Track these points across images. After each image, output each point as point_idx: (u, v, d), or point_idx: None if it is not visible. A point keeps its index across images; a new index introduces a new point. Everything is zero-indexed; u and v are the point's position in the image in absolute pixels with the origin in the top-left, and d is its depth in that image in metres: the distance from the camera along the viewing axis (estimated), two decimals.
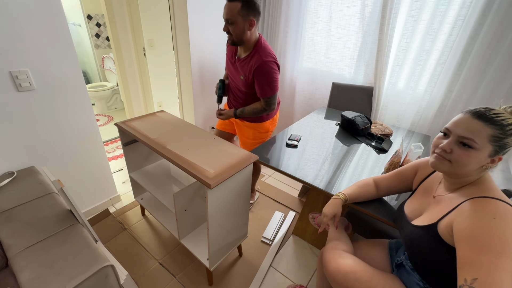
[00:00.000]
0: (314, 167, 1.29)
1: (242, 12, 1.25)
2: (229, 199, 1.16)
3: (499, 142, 0.66)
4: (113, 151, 2.65)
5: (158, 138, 1.27)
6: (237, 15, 1.26)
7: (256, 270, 1.49)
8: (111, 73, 3.50)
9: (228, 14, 1.27)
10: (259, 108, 1.48)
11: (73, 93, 1.45)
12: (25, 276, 0.81)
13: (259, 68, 1.34)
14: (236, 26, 1.29)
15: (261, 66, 1.34)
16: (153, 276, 1.43)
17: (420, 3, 1.69)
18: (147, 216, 1.84)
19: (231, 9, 1.26)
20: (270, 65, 1.35)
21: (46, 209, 1.09)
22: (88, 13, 3.35)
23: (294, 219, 1.89)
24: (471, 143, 0.68)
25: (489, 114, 0.68)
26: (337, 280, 0.87)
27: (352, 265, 0.88)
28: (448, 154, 0.72)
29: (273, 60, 1.37)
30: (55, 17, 1.26)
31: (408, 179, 0.98)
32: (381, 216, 1.00)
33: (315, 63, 2.36)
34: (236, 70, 1.48)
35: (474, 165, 0.69)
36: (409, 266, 0.84)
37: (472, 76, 1.65)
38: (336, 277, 0.87)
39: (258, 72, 1.36)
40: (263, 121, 1.61)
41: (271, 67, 1.36)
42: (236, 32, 1.31)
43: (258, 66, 1.34)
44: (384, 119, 2.10)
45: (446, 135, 0.74)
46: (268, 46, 1.40)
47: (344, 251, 0.96)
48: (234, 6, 1.25)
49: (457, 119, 0.72)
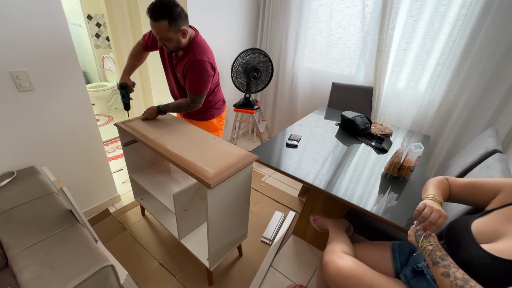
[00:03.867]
0: (314, 167, 1.29)
1: (172, 28, 1.20)
2: (229, 199, 1.16)
3: None
4: (113, 151, 2.65)
5: (158, 138, 1.27)
6: (167, 32, 1.20)
7: (256, 270, 1.49)
8: (111, 73, 3.50)
9: (159, 34, 1.22)
10: (184, 103, 1.44)
11: (73, 93, 1.45)
12: (25, 276, 0.81)
13: (191, 66, 1.32)
14: (171, 41, 1.25)
15: (194, 63, 1.32)
16: (153, 276, 1.43)
17: (420, 3, 1.69)
18: (147, 216, 1.84)
19: (160, 29, 1.19)
20: (203, 65, 1.33)
21: (46, 209, 1.09)
22: (88, 13, 3.35)
23: (294, 219, 1.89)
24: None
25: None
26: (338, 284, 0.85)
27: (353, 268, 0.85)
28: None
29: (208, 61, 1.34)
30: (55, 17, 1.26)
31: (484, 197, 0.84)
32: (382, 216, 1.00)
33: (315, 63, 2.36)
34: (173, 69, 1.46)
35: None
36: (431, 275, 0.79)
37: (472, 76, 1.65)
38: (337, 281, 0.85)
39: (189, 69, 1.33)
40: (209, 119, 1.63)
41: (203, 67, 1.33)
42: (172, 45, 1.27)
43: (191, 64, 1.32)
44: (384, 119, 2.10)
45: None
46: (205, 45, 1.37)
47: (344, 253, 0.94)
48: (162, 25, 1.17)
49: None
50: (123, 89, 1.44)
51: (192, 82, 1.37)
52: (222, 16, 2.23)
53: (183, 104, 1.45)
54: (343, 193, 1.11)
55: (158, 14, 1.15)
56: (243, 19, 2.47)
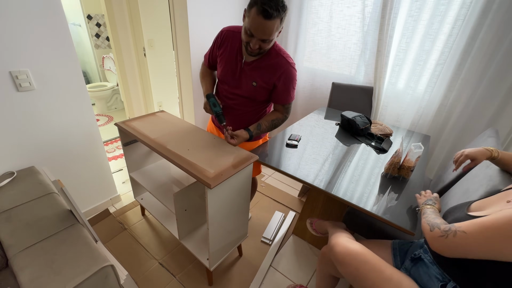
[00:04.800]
0: (314, 167, 1.29)
1: (279, 27, 1.04)
2: (229, 199, 1.16)
3: None
4: (113, 151, 2.65)
5: (158, 138, 1.27)
6: (275, 32, 1.04)
7: (256, 270, 1.49)
8: (111, 73, 3.50)
9: (265, 35, 1.03)
10: (281, 117, 1.28)
11: (73, 93, 1.45)
12: (25, 276, 0.81)
13: (286, 72, 1.18)
14: (270, 43, 1.09)
15: (289, 70, 1.18)
16: (153, 276, 1.43)
17: (420, 3, 1.69)
18: (147, 216, 1.84)
19: (271, 29, 1.01)
20: (295, 68, 1.21)
21: (46, 209, 1.09)
22: (88, 13, 3.35)
23: (294, 219, 1.89)
24: None
25: None
26: (346, 261, 0.87)
27: (360, 249, 0.88)
28: None
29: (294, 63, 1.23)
30: (55, 17, 1.26)
31: None
32: (382, 216, 1.00)
33: (315, 63, 2.36)
34: (242, 76, 1.23)
35: None
36: (428, 259, 0.83)
37: (472, 76, 1.65)
38: (346, 258, 0.87)
39: (285, 76, 1.19)
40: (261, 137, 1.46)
41: (295, 71, 1.21)
42: (268, 46, 1.11)
43: (286, 70, 1.18)
44: (384, 119, 2.10)
45: None
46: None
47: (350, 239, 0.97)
48: (274, 24, 1.00)
49: None
50: (212, 97, 1.23)
51: (289, 91, 1.23)
52: (222, 16, 2.23)
53: (280, 119, 1.29)
54: (343, 193, 1.11)
55: (276, 11, 0.97)
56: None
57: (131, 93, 2.82)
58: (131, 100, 2.86)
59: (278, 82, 1.20)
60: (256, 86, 1.22)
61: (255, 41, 1.05)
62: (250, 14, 1.00)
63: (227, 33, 1.23)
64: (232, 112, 1.32)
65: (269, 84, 1.21)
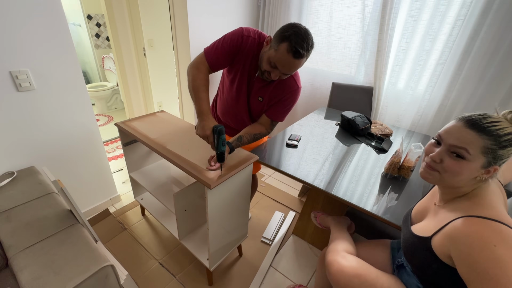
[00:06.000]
0: (314, 167, 1.29)
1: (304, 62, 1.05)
2: (229, 199, 1.16)
3: (493, 154, 0.61)
4: (113, 151, 2.65)
5: (158, 138, 1.27)
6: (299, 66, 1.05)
7: (256, 270, 1.49)
8: (111, 73, 3.50)
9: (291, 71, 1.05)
10: (263, 132, 1.25)
11: (73, 93, 1.45)
12: (25, 276, 0.81)
13: (293, 95, 1.20)
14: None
15: (296, 93, 1.20)
16: (153, 276, 1.43)
17: (420, 3, 1.69)
18: (147, 216, 1.84)
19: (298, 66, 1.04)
20: (299, 93, 1.23)
21: (46, 209, 1.09)
22: (88, 13, 3.35)
23: (294, 219, 1.89)
24: (462, 153, 0.64)
25: (483, 122, 0.63)
26: (341, 284, 0.86)
27: (356, 268, 0.86)
28: (438, 165, 0.69)
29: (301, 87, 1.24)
30: (55, 17, 1.26)
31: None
32: (382, 216, 1.00)
33: (315, 63, 2.36)
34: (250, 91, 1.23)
35: (466, 177, 0.66)
36: (409, 268, 0.83)
37: (472, 76, 1.65)
38: (340, 281, 0.86)
39: (290, 98, 1.20)
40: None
41: (299, 95, 1.24)
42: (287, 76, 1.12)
43: (293, 93, 1.19)
44: (384, 119, 2.10)
45: (438, 142, 0.71)
46: None
47: (346, 252, 0.95)
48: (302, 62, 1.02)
49: (449, 126, 0.68)
50: (222, 134, 0.97)
51: (285, 111, 1.24)
52: (221, 17, 2.23)
53: (262, 133, 1.25)
54: (343, 193, 1.11)
55: (306, 51, 0.98)
56: (243, 19, 2.47)
57: (131, 93, 2.82)
58: (131, 100, 2.86)
59: (281, 99, 1.21)
60: (262, 101, 1.23)
61: (277, 72, 1.05)
62: (279, 48, 0.98)
63: (247, 39, 1.11)
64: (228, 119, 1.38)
65: (274, 100, 1.22)
